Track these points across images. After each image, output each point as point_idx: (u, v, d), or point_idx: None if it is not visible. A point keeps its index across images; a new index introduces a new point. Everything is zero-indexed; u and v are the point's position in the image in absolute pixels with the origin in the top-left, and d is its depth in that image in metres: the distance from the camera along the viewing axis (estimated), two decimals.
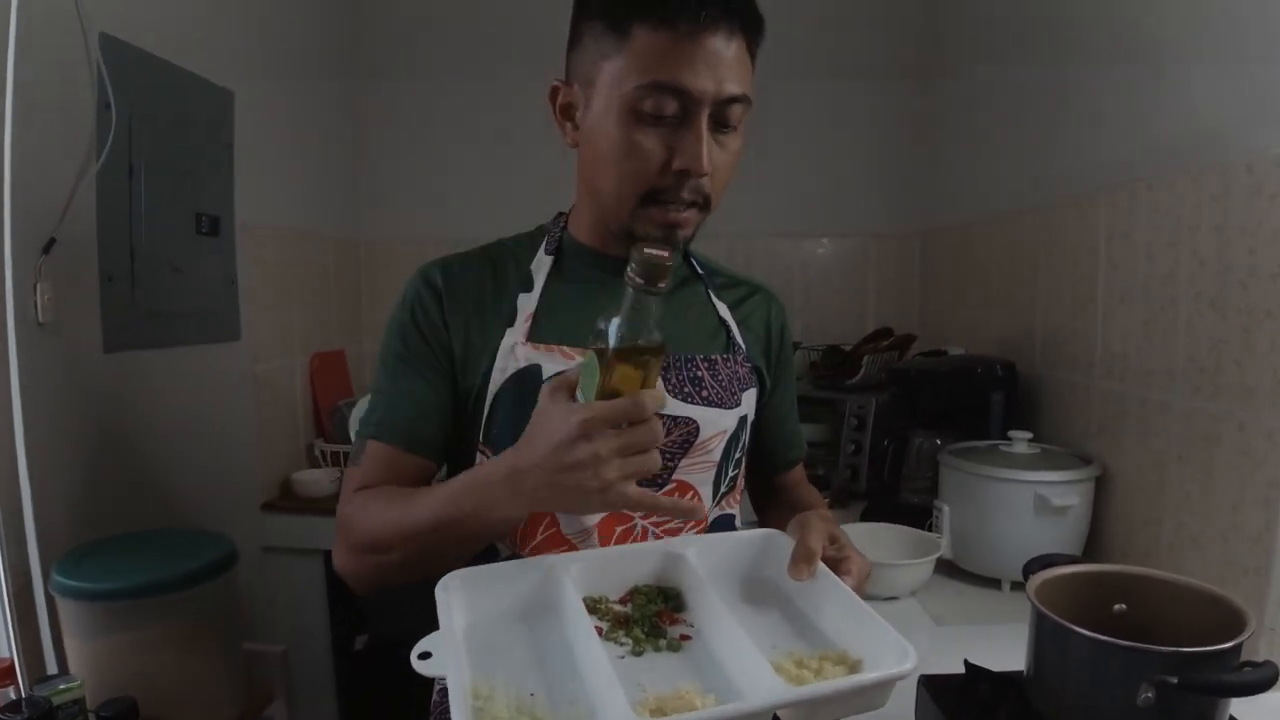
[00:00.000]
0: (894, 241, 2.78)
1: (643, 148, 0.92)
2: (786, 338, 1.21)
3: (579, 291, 1.05)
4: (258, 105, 2.12)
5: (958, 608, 1.44)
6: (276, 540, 2.20)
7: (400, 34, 2.77)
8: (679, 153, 0.92)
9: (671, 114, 0.91)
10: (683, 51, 0.89)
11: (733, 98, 0.92)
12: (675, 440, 1.02)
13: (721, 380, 1.06)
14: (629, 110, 0.92)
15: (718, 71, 0.90)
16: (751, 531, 0.97)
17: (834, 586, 0.82)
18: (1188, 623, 0.87)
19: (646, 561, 0.90)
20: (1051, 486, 1.44)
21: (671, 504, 0.85)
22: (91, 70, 1.56)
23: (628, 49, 0.91)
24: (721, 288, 1.16)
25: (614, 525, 1.02)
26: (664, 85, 0.89)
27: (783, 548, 0.89)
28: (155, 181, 1.74)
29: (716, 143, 0.94)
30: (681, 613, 0.85)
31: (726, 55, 0.91)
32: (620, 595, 0.88)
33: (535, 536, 1.01)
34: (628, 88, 0.91)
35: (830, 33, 2.72)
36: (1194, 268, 1.31)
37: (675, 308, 1.08)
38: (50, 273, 1.47)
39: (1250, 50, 1.20)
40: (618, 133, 0.93)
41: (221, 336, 2.02)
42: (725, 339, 1.11)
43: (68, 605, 1.35)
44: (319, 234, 2.52)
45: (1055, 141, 1.80)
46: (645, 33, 0.90)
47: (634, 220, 0.97)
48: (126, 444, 1.69)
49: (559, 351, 1.00)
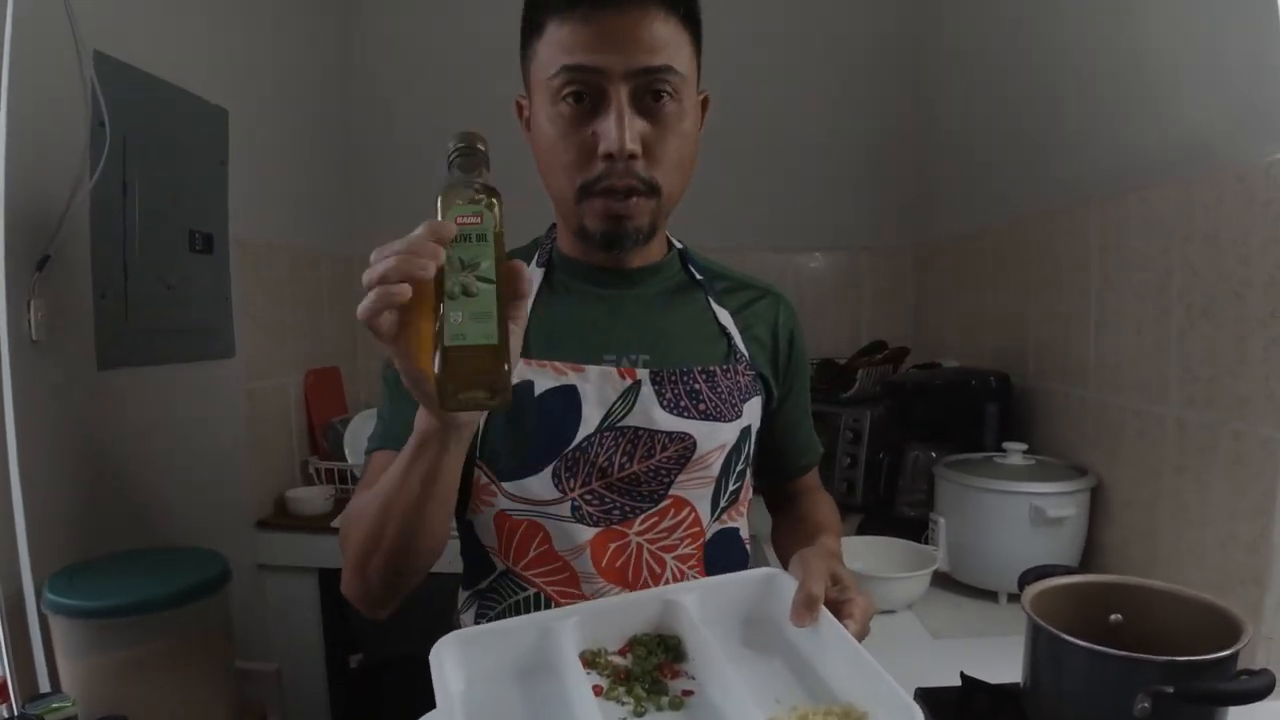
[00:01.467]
0: (887, 254, 2.79)
1: (568, 138, 0.93)
2: (797, 342, 1.17)
3: (568, 305, 1.05)
4: (251, 123, 2.13)
5: (955, 620, 1.44)
6: (270, 558, 2.19)
7: (393, 51, 2.79)
8: (600, 135, 0.91)
9: (589, 98, 0.91)
10: (586, 32, 0.90)
11: (647, 69, 0.91)
12: (671, 455, 1.01)
13: (721, 392, 1.04)
14: (552, 103, 0.93)
15: (626, 45, 0.90)
16: (752, 572, 0.94)
17: (837, 634, 0.80)
18: (1185, 632, 0.87)
19: (645, 610, 0.88)
20: (1047, 498, 1.44)
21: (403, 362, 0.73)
22: (85, 88, 1.56)
23: (543, 44, 0.94)
24: (724, 293, 1.13)
25: (607, 543, 1.01)
26: (572, 67, 0.90)
27: (784, 589, 0.87)
28: (149, 199, 1.74)
29: (651, 122, 0.93)
30: (682, 663, 0.83)
31: (638, 30, 0.90)
32: (619, 646, 0.86)
33: (527, 553, 1.01)
34: (547, 80, 0.93)
35: (823, 47, 2.73)
36: (1186, 278, 1.31)
37: (671, 315, 1.07)
38: (44, 290, 1.47)
39: (1237, 62, 1.21)
40: (548, 128, 0.95)
41: (215, 354, 2.02)
42: (726, 348, 1.08)
43: (60, 623, 1.35)
44: (313, 251, 2.52)
45: (1046, 153, 1.81)
46: (554, 24, 0.92)
47: (582, 216, 0.97)
48: (120, 461, 1.68)
49: (551, 367, 0.99)
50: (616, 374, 1.00)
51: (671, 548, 1.04)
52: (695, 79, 0.99)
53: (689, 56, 0.96)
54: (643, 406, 1.00)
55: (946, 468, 1.58)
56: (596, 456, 0.99)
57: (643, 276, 1.08)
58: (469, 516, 1.04)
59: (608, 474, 1.00)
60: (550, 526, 1.00)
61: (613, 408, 0.99)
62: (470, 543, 1.07)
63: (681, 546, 1.04)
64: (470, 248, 0.70)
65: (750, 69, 2.66)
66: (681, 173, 0.98)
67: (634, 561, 1.02)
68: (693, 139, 0.98)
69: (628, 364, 1.02)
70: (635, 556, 1.02)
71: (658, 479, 1.01)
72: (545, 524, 1.00)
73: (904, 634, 1.39)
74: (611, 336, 1.03)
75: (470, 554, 1.07)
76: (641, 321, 1.05)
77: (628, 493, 1.01)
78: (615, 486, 1.00)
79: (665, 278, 1.10)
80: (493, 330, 0.69)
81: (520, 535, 1.01)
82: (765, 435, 1.14)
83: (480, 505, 1.02)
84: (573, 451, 0.98)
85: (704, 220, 2.56)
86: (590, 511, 1.00)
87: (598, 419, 0.99)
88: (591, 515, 1.00)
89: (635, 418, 0.99)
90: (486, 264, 0.70)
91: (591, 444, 0.99)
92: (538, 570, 1.01)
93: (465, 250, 0.70)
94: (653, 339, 1.04)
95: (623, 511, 1.01)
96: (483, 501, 1.01)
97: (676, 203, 1.01)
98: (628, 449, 0.99)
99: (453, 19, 2.75)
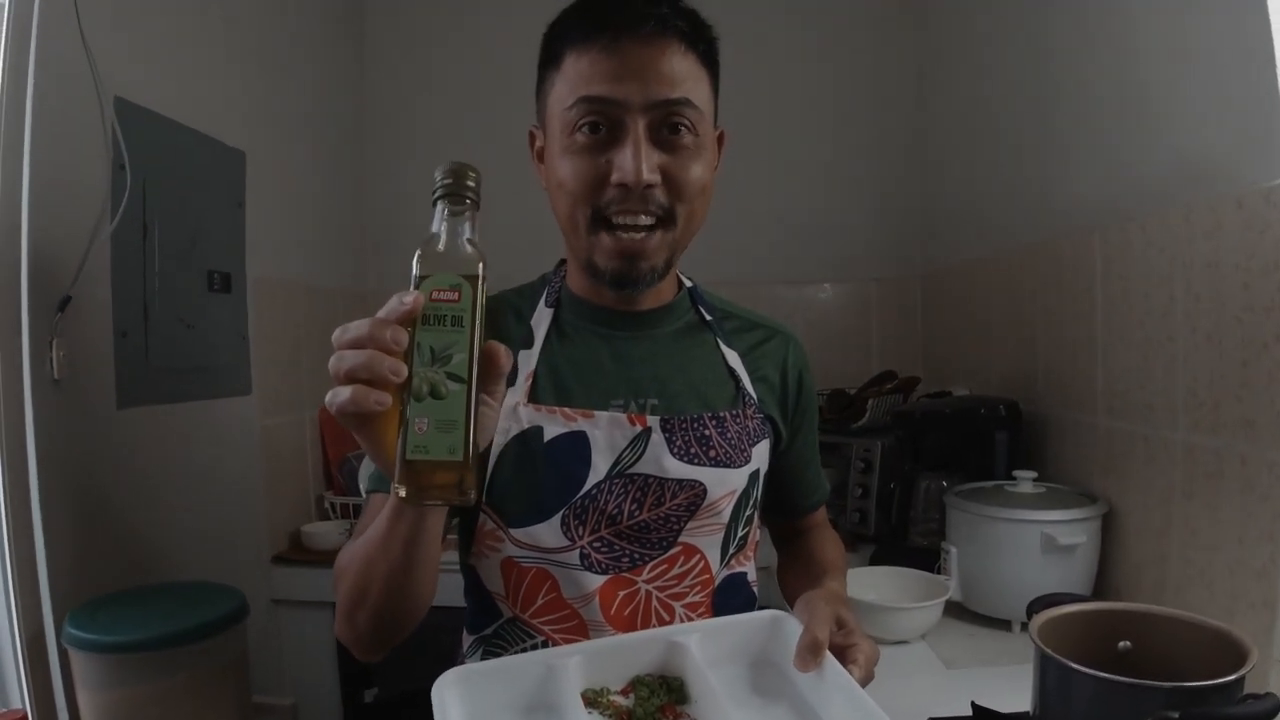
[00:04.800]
0: (895, 284, 2.80)
1: (582, 168, 0.92)
2: (806, 383, 1.16)
3: (578, 348, 1.04)
4: (268, 164, 2.18)
5: (968, 650, 1.43)
6: (285, 593, 2.20)
7: (404, 92, 2.85)
8: (616, 166, 0.91)
9: (606, 129, 0.91)
10: (606, 64, 0.90)
11: (666, 101, 0.91)
12: (681, 503, 0.99)
13: (730, 438, 1.02)
14: (569, 135, 0.93)
15: (645, 77, 0.90)
16: (757, 615, 0.94)
17: (841, 679, 0.80)
18: (1193, 658, 0.87)
19: (649, 651, 0.87)
20: (1058, 525, 1.44)
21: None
22: (106, 132, 1.61)
23: (561, 77, 0.94)
24: (733, 333, 1.11)
25: (616, 590, 0.99)
26: (590, 98, 0.90)
27: (789, 633, 0.87)
28: (168, 240, 1.78)
29: (669, 154, 0.93)
30: (685, 705, 0.83)
31: (657, 63, 0.90)
32: (622, 686, 0.85)
33: (535, 601, 0.99)
34: (564, 111, 0.92)
35: (828, 77, 2.77)
36: (1189, 303, 1.32)
37: (680, 359, 1.06)
38: (65, 330, 1.50)
39: (1235, 88, 1.23)
40: (563, 160, 0.94)
41: (232, 391, 2.05)
42: (734, 391, 1.07)
43: (79, 657, 1.36)
44: (328, 288, 2.56)
45: (1049, 182, 1.83)
46: (573, 57, 0.92)
47: (592, 251, 0.96)
48: (138, 498, 1.71)
49: (560, 413, 0.98)
50: (626, 420, 0.99)
51: (681, 595, 1.02)
52: (713, 116, 1.00)
53: (707, 93, 0.97)
54: (653, 454, 0.98)
55: (958, 497, 1.58)
56: (606, 504, 0.98)
57: (653, 319, 1.07)
58: (472, 561, 1.03)
59: (617, 522, 0.98)
60: (558, 574, 0.99)
61: (622, 455, 0.98)
62: (475, 587, 1.05)
63: (691, 594, 1.03)
64: (443, 334, 0.63)
65: (761, 105, 2.70)
66: (698, 207, 0.97)
67: (643, 609, 1.01)
68: (709, 175, 0.98)
69: (636, 409, 1.01)
70: (644, 604, 1.01)
71: (667, 526, 1.00)
72: (553, 571, 0.99)
73: (917, 664, 1.39)
74: (621, 381, 1.02)
75: (475, 598, 1.05)
76: (651, 365, 1.04)
77: (637, 540, 1.00)
78: (624, 534, 0.99)
79: (675, 319, 1.09)
80: (459, 444, 0.63)
81: (529, 583, 0.99)
82: (773, 475, 1.13)
83: (486, 550, 1.01)
84: (581, 499, 0.97)
85: (715, 255, 2.58)
86: (599, 559, 0.99)
87: (607, 466, 0.98)
88: (600, 563, 0.99)
89: (645, 465, 0.98)
90: (460, 357, 0.63)
91: (601, 491, 0.98)
92: (546, 618, 1.00)
93: (437, 337, 0.63)
94: (662, 383, 1.03)
95: (632, 559, 1.00)
96: (488, 547, 1.00)
97: (690, 240, 1.00)
98: (637, 496, 0.98)
99: (468, 58, 2.80)
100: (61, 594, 1.45)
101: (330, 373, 0.64)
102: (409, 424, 0.63)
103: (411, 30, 2.85)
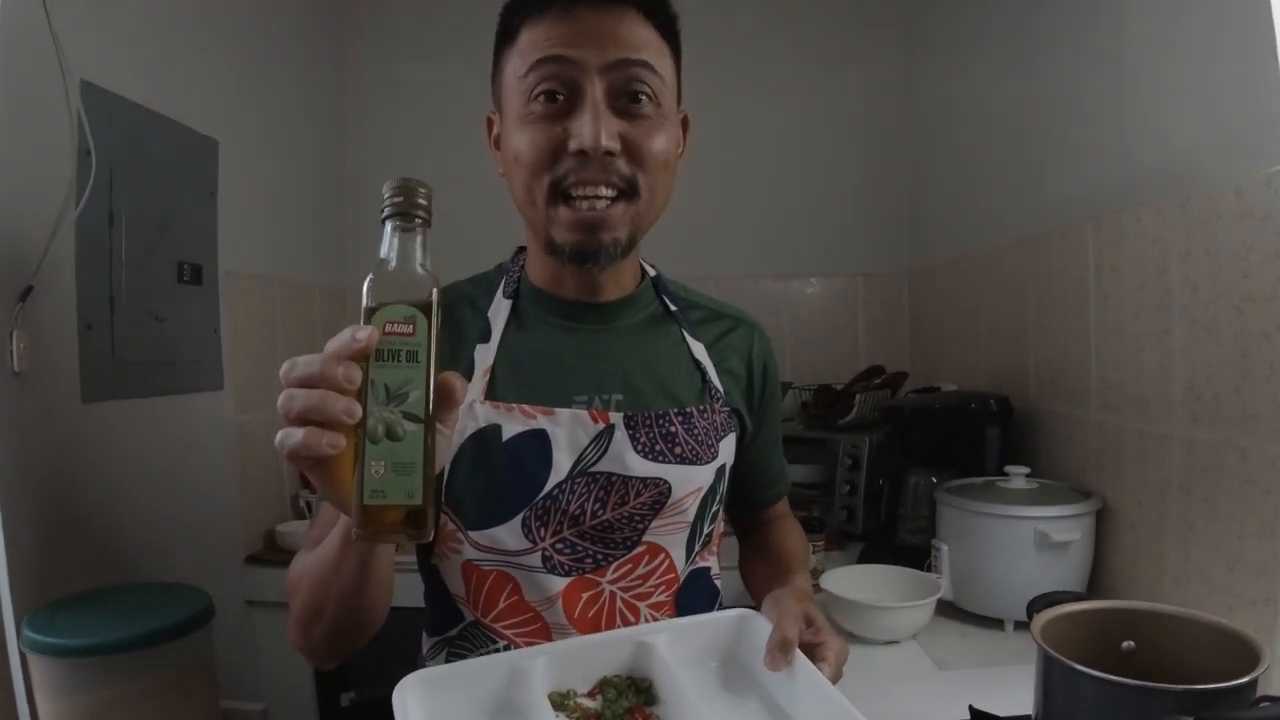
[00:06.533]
0: (882, 279, 2.77)
1: (539, 137, 0.88)
2: (770, 373, 1.13)
3: (537, 341, 0.99)
4: (243, 153, 2.12)
5: (960, 650, 1.40)
6: (260, 594, 2.14)
7: (386, 80, 2.79)
8: (573, 133, 0.87)
9: (564, 97, 0.88)
10: (562, 29, 0.87)
11: (625, 61, 0.87)
12: (645, 501, 0.96)
13: (697, 434, 0.99)
14: (525, 106, 0.89)
15: (602, 40, 0.87)
16: (725, 614, 0.92)
17: (811, 677, 0.79)
18: (1198, 658, 0.84)
19: (616, 651, 0.85)
20: (1052, 522, 1.41)
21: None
22: (71, 117, 1.55)
23: (516, 50, 0.91)
24: (698, 324, 1.08)
25: (580, 592, 0.97)
26: (546, 59, 0.87)
27: (758, 631, 0.85)
28: (136, 229, 1.72)
29: (630, 121, 0.89)
30: (654, 706, 0.81)
31: (616, 27, 0.88)
32: (589, 688, 0.83)
33: (497, 604, 0.96)
34: (519, 80, 0.89)
35: (813, 73, 2.75)
36: (1187, 294, 1.29)
37: (645, 353, 1.02)
38: (27, 321, 1.44)
39: (1232, 73, 1.20)
40: (518, 133, 0.90)
41: (203, 386, 1.99)
42: (700, 384, 1.03)
43: (39, 662, 1.30)
44: (304, 282, 2.50)
45: (1040, 172, 1.80)
46: (527, 28, 0.89)
47: (550, 226, 0.91)
48: (105, 496, 1.65)
49: (519, 410, 0.94)
50: (589, 417, 0.95)
51: (646, 595, 0.99)
52: (675, 94, 0.96)
53: (670, 66, 0.93)
54: (616, 451, 0.95)
55: (948, 493, 1.55)
56: (568, 504, 0.94)
57: (615, 310, 1.02)
58: (434, 562, 1.00)
59: (580, 522, 0.95)
60: (520, 577, 0.96)
61: (584, 452, 0.94)
62: (436, 589, 1.01)
63: (656, 594, 1.00)
64: (398, 370, 0.60)
65: (743, 98, 2.67)
66: (660, 181, 0.93)
67: (607, 610, 0.98)
68: (673, 151, 0.94)
69: (600, 405, 0.97)
70: (608, 605, 0.98)
71: (631, 525, 0.97)
72: (515, 574, 0.96)
73: (908, 665, 1.35)
74: (583, 375, 0.98)
75: (436, 600, 1.02)
76: (614, 359, 1.00)
77: (600, 540, 0.96)
78: (587, 534, 0.96)
79: (639, 310, 1.04)
80: (417, 487, 0.60)
81: (489, 586, 0.96)
82: (737, 468, 1.10)
83: (447, 552, 0.97)
84: (543, 500, 0.94)
85: (700, 250, 2.56)
86: (562, 561, 0.96)
87: (569, 465, 0.94)
88: (563, 565, 0.96)
89: (608, 463, 0.95)
90: (416, 395, 0.60)
91: (563, 491, 0.94)
92: (508, 621, 0.97)
93: (392, 373, 0.60)
94: (626, 377, 0.99)
95: (595, 560, 0.97)
96: (449, 548, 0.97)
97: (655, 219, 0.96)
98: (600, 495, 0.95)
99: (451, 47, 2.74)
100: (22, 595, 1.40)
101: (280, 411, 0.60)
102: (365, 467, 0.60)
103: (393, 19, 2.80)
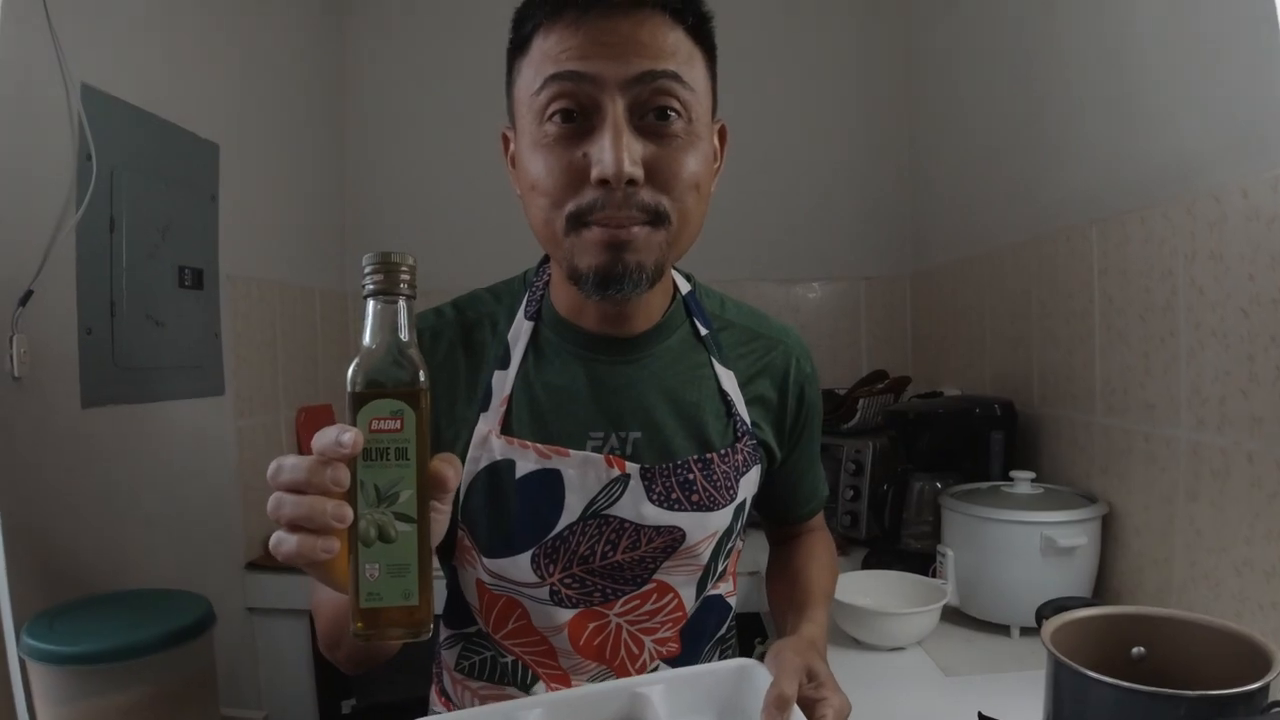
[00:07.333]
0: (885, 283, 2.77)
1: (556, 163, 0.80)
2: (808, 398, 1.06)
3: (554, 376, 0.94)
4: (243, 157, 2.11)
5: (967, 657, 1.39)
6: (261, 601, 2.13)
7: (387, 84, 2.79)
8: (593, 160, 0.78)
9: (581, 116, 0.79)
10: (575, 38, 0.78)
11: (648, 74, 0.78)
12: (658, 546, 0.94)
13: (716, 479, 0.95)
14: (538, 124, 0.81)
15: (622, 49, 0.77)
16: (725, 664, 0.90)
17: None
18: (1209, 664, 0.83)
19: (612, 702, 0.84)
20: (1058, 527, 1.40)
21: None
22: (72, 121, 1.54)
23: (528, 62, 0.83)
24: (730, 348, 1.01)
25: (586, 622, 0.96)
26: (558, 75, 0.78)
27: (759, 682, 0.83)
28: (137, 234, 1.71)
29: (655, 143, 0.80)
30: None
31: (637, 32, 0.78)
32: None
33: (506, 624, 0.97)
34: (531, 97, 0.81)
35: (816, 73, 2.74)
36: (1192, 297, 1.28)
37: (668, 384, 0.96)
38: (27, 326, 1.44)
39: (1238, 74, 1.19)
40: (533, 157, 0.82)
41: (204, 391, 1.98)
42: (725, 423, 0.98)
43: (38, 669, 1.29)
44: (305, 286, 2.49)
45: (1044, 175, 1.79)
46: (539, 37, 0.81)
47: (573, 254, 0.83)
48: (105, 501, 1.64)
49: (534, 449, 0.91)
50: (604, 463, 0.91)
51: (651, 630, 0.98)
52: (711, 103, 0.87)
53: (702, 73, 0.84)
54: (630, 499, 0.92)
55: (953, 498, 1.54)
56: (578, 545, 0.92)
57: (640, 344, 0.95)
58: (455, 563, 1.00)
59: (589, 562, 0.93)
60: (529, 605, 0.96)
61: (596, 497, 0.92)
62: (455, 589, 1.02)
63: (661, 630, 0.99)
64: (387, 470, 0.58)
65: (747, 102, 2.66)
66: (692, 205, 0.84)
67: (612, 640, 0.97)
68: (706, 172, 0.86)
69: (617, 443, 0.93)
70: (614, 636, 0.97)
71: (642, 566, 0.95)
72: (524, 601, 0.96)
73: (914, 672, 1.34)
74: (600, 412, 0.94)
75: (455, 599, 1.02)
76: (635, 393, 0.95)
77: (609, 576, 0.95)
78: (596, 571, 0.94)
79: (665, 338, 0.97)
80: (413, 587, 0.59)
81: (499, 608, 0.97)
82: (769, 486, 1.07)
83: (465, 562, 0.98)
84: (553, 539, 0.92)
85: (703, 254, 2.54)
86: (570, 595, 0.95)
87: (581, 507, 0.91)
88: (571, 598, 0.95)
89: (621, 509, 0.92)
90: (407, 495, 0.58)
91: (573, 533, 0.92)
92: (517, 641, 0.98)
93: (381, 473, 0.58)
94: (646, 413, 0.94)
95: (604, 594, 0.96)
96: (466, 560, 0.97)
97: (688, 246, 0.87)
98: (611, 538, 0.93)
99: (455, 49, 2.75)
100: (21, 602, 1.39)
101: (270, 516, 0.59)
102: (360, 570, 0.59)
103: (396, 21, 2.79)
